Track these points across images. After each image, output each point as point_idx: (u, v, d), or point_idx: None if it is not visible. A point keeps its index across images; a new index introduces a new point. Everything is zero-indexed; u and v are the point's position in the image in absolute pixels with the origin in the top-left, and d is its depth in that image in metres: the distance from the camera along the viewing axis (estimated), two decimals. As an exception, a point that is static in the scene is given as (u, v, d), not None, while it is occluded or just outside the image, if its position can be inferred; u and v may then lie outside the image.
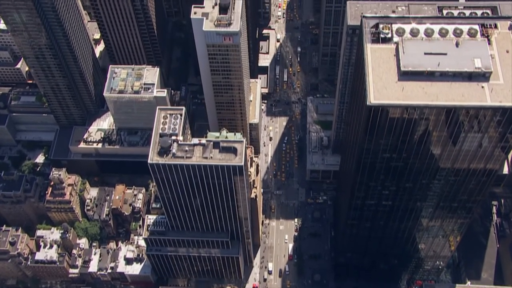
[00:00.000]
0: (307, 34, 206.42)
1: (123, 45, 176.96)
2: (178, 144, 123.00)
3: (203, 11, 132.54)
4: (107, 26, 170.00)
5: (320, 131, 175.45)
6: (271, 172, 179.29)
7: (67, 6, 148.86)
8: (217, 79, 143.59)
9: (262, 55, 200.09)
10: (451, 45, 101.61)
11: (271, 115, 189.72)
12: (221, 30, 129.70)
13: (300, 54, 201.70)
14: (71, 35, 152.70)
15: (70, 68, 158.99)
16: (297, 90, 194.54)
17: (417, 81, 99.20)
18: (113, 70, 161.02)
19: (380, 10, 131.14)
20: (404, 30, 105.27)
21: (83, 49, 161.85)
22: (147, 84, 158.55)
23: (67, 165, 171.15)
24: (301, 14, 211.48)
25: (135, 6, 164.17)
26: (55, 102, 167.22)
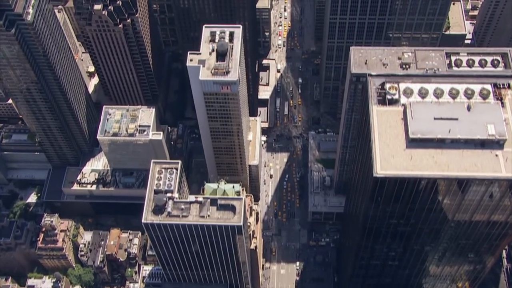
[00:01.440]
0: (308, 63, 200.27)
1: (118, 80, 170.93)
2: (174, 202, 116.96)
3: (199, 57, 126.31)
4: (100, 61, 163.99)
5: (323, 170, 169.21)
6: (272, 212, 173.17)
7: (56, 45, 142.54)
8: (214, 125, 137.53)
9: (262, 86, 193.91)
10: (462, 109, 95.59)
11: (272, 151, 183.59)
12: (219, 79, 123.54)
13: (301, 86, 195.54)
14: (62, 76, 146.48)
15: (61, 110, 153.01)
16: (298, 124, 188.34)
17: (426, 149, 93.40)
18: (107, 111, 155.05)
19: (385, 56, 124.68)
20: (412, 90, 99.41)
21: (75, 88, 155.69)
22: (142, 126, 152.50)
23: (60, 207, 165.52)
24: (302, 42, 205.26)
25: (129, 41, 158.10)
26: (47, 143, 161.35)
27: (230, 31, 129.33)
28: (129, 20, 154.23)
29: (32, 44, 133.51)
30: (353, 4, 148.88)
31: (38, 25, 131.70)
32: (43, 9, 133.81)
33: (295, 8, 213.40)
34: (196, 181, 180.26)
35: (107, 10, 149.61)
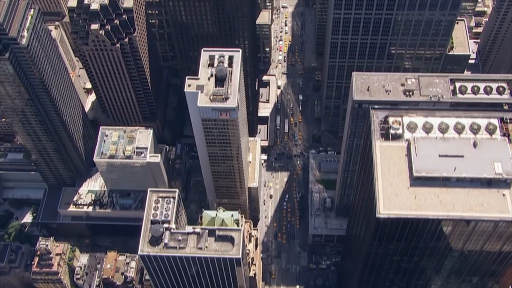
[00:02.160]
0: (309, 79, 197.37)
1: (115, 98, 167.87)
2: (171, 233, 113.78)
3: (197, 83, 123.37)
4: (97, 79, 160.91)
5: (323, 191, 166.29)
6: (272, 233, 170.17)
7: (52, 67, 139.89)
8: (213, 150, 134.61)
9: (262, 103, 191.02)
10: (468, 146, 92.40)
11: (272, 170, 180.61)
12: (217, 106, 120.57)
13: (302, 102, 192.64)
14: (57, 97, 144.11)
15: (57, 131, 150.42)
16: (299, 142, 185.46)
17: (431, 187, 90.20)
18: (104, 132, 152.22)
19: (388, 82, 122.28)
20: (416, 125, 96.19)
21: (71, 109, 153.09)
22: (139, 148, 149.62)
23: (56, 228, 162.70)
24: (302, 58, 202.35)
25: (126, 59, 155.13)
26: (42, 163, 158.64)
27: (230, 55, 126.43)
28: (127, 39, 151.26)
29: (26, 67, 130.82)
30: (355, 25, 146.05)
31: (33, 48, 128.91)
32: (38, 31, 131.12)
33: (295, 23, 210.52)
34: (194, 201, 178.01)
35: (104, 29, 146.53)
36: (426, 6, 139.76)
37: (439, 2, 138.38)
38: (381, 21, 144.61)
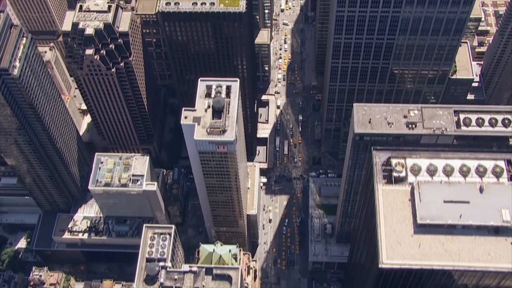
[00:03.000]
0: (309, 99, 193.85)
1: (111, 121, 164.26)
2: (167, 272, 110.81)
3: (194, 114, 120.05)
4: (92, 102, 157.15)
5: (323, 217, 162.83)
6: (271, 259, 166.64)
7: (45, 95, 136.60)
8: (211, 181, 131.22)
9: (261, 124, 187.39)
10: (474, 191, 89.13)
11: (271, 193, 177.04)
12: (215, 140, 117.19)
13: (302, 123, 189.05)
14: (51, 125, 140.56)
15: (51, 159, 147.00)
16: (299, 164, 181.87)
17: (436, 234, 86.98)
18: (99, 159, 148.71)
19: (390, 114, 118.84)
20: (420, 167, 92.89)
21: (65, 136, 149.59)
22: (135, 175, 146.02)
23: (50, 255, 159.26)
24: (302, 76, 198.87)
25: (122, 84, 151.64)
26: (36, 190, 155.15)
27: (227, 85, 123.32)
28: (122, 64, 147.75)
29: (18, 97, 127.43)
30: (356, 49, 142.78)
31: (25, 77, 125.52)
32: (31, 60, 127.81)
33: (295, 40, 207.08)
34: (192, 225, 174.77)
35: (99, 54, 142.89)
36: (429, 32, 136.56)
37: (442, 27, 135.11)
38: (383, 46, 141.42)
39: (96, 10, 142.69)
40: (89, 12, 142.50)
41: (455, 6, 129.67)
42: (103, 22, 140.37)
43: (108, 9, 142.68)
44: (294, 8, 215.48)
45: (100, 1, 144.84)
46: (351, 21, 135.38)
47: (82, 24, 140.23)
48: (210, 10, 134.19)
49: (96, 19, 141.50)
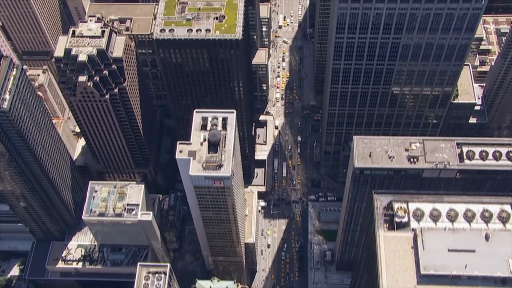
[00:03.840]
0: (308, 119, 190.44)
1: (105, 146, 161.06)
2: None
3: (189, 148, 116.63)
4: (86, 128, 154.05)
5: (323, 243, 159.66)
6: (270, 287, 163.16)
7: (36, 125, 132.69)
8: (207, 214, 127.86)
9: (259, 146, 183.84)
10: (479, 238, 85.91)
11: (269, 217, 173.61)
12: (210, 175, 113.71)
13: (301, 144, 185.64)
14: (43, 155, 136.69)
15: (44, 189, 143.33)
16: (298, 187, 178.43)
17: (440, 285, 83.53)
18: (93, 187, 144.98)
19: (391, 147, 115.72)
20: (423, 212, 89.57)
21: (58, 164, 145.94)
22: (130, 204, 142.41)
23: (44, 284, 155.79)
24: (301, 95, 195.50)
25: (117, 109, 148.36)
26: (29, 219, 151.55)
27: (223, 117, 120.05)
28: (117, 90, 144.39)
29: (9, 130, 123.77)
30: (356, 75, 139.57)
31: (15, 110, 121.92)
32: (21, 91, 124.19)
33: (293, 57, 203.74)
34: (189, 251, 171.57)
35: (92, 81, 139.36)
36: (430, 58, 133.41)
37: (444, 53, 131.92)
38: (383, 71, 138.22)
39: (89, 36, 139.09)
40: (82, 38, 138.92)
41: (457, 33, 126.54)
42: (96, 48, 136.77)
43: (102, 34, 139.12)
44: (292, 24, 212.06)
45: (93, 25, 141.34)
46: (351, 48, 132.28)
47: (75, 50, 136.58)
48: (206, 37, 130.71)
49: (89, 44, 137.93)
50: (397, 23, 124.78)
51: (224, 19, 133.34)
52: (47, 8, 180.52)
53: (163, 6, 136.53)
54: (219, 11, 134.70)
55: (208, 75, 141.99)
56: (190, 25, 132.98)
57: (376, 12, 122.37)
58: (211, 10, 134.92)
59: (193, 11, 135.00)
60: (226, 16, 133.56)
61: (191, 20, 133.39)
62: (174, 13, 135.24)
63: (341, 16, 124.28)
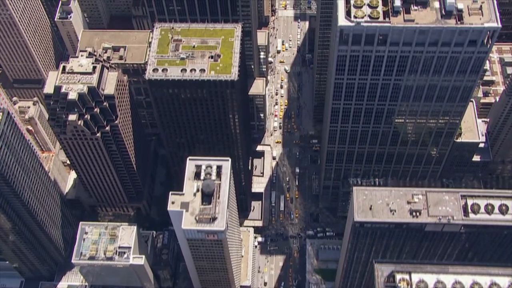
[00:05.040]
0: (307, 149, 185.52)
1: (97, 182, 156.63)
2: None
3: (182, 199, 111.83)
4: (77, 164, 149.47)
5: (322, 283, 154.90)
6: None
7: (23, 168, 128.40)
8: (201, 264, 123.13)
9: (256, 178, 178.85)
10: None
11: (266, 253, 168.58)
12: (203, 229, 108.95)
13: (299, 175, 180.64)
14: (30, 198, 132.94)
15: (32, 231, 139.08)
16: (295, 221, 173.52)
17: None
18: (84, 229, 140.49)
19: (392, 200, 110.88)
20: (426, 285, 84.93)
21: (46, 205, 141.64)
22: (122, 247, 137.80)
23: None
24: (299, 124, 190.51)
25: (109, 147, 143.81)
26: (17, 261, 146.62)
27: (218, 165, 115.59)
28: (108, 127, 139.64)
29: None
30: (356, 114, 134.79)
31: (1, 157, 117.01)
32: (7, 136, 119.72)
33: (292, 84, 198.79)
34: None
35: (83, 119, 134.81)
36: (433, 98, 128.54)
37: (447, 94, 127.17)
38: (384, 111, 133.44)
39: (80, 72, 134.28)
40: (73, 74, 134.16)
41: (461, 75, 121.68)
42: (87, 86, 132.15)
43: (93, 70, 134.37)
44: (291, 49, 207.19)
45: (84, 61, 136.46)
46: (351, 88, 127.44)
47: (65, 87, 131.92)
48: (200, 78, 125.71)
49: (80, 81, 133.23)
50: (399, 65, 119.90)
51: (219, 58, 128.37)
52: (38, 36, 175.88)
53: (156, 43, 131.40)
54: (214, 49, 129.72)
55: (202, 114, 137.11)
56: (184, 64, 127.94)
57: (377, 54, 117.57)
58: (206, 49, 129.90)
59: (188, 49, 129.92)
60: (221, 55, 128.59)
61: (185, 59, 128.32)
62: (168, 51, 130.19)
63: (341, 58, 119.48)
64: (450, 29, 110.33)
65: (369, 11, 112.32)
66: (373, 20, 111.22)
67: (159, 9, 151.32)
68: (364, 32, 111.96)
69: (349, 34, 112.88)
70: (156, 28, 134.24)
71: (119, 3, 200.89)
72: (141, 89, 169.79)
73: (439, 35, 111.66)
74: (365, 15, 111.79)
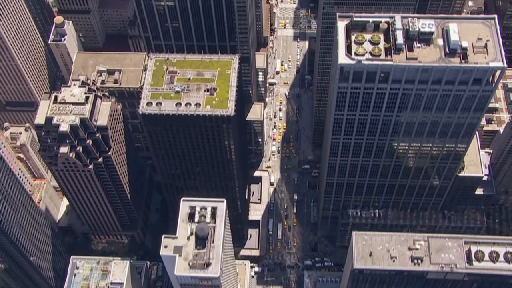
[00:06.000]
0: (305, 175, 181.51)
1: (90, 211, 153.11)
2: None
3: (175, 243, 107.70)
4: (69, 195, 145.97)
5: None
6: None
7: (14, 208, 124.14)
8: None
9: (253, 205, 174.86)
10: None
11: (263, 283, 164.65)
12: (197, 275, 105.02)
13: (297, 202, 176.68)
14: (22, 239, 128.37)
15: (24, 269, 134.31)
16: (293, 250, 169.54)
17: None
18: (75, 263, 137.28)
19: (393, 245, 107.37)
20: None
21: (38, 242, 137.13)
22: (114, 283, 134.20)
23: None
24: (298, 148, 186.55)
25: (102, 178, 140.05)
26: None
27: (212, 206, 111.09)
28: (101, 159, 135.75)
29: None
30: (356, 149, 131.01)
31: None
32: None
33: (291, 106, 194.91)
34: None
35: (75, 151, 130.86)
36: (436, 134, 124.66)
37: (450, 131, 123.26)
38: (385, 146, 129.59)
39: (72, 102, 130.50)
40: (65, 104, 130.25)
41: (465, 112, 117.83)
42: (80, 117, 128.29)
43: (86, 100, 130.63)
44: (290, 70, 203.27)
45: (76, 90, 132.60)
46: (351, 124, 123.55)
47: (57, 118, 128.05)
48: (196, 113, 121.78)
49: (71, 112, 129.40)
50: (401, 102, 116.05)
51: (215, 91, 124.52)
52: (31, 58, 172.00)
53: (150, 75, 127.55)
54: (210, 82, 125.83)
55: (198, 148, 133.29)
56: (179, 98, 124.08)
57: (379, 92, 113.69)
58: (201, 81, 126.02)
59: (183, 82, 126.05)
60: (217, 88, 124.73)
61: (180, 92, 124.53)
62: (162, 83, 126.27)
63: (341, 95, 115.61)
64: (454, 68, 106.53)
65: (370, 47, 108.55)
66: (374, 58, 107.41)
67: (155, 35, 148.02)
68: (365, 70, 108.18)
69: (350, 72, 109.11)
70: (150, 59, 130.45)
71: (115, 22, 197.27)
72: (136, 113, 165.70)
73: (442, 73, 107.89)
74: (366, 52, 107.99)
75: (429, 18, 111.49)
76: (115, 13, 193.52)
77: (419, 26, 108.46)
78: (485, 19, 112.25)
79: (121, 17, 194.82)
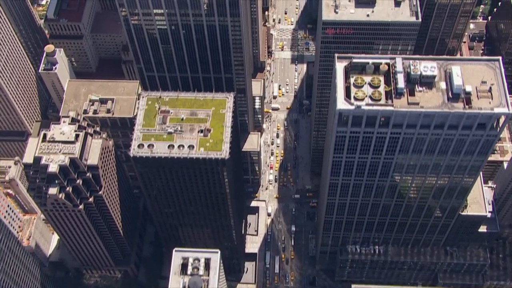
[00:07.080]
0: (303, 205, 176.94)
1: (82, 248, 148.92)
2: None
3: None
4: (60, 233, 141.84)
5: None
6: None
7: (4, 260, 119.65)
8: None
9: (250, 237, 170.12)
10: None
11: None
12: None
13: (295, 234, 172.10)
14: (8, 282, 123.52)
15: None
16: (291, 284, 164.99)
17: None
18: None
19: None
20: None
21: (24, 282, 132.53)
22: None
23: None
24: (295, 177, 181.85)
25: (93, 217, 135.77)
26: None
27: (206, 257, 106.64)
28: (92, 199, 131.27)
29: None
30: (355, 189, 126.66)
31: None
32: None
33: (288, 133, 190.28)
34: None
35: (64, 192, 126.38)
36: (439, 174, 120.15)
37: (454, 171, 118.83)
38: (386, 186, 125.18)
39: (61, 141, 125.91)
40: (54, 143, 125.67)
41: (468, 155, 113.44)
42: (69, 156, 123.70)
43: (76, 139, 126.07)
44: (288, 94, 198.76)
45: (66, 128, 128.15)
46: (350, 166, 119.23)
47: (45, 158, 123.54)
48: (189, 155, 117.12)
49: (61, 151, 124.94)
50: (402, 145, 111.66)
51: (209, 133, 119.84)
52: (21, 87, 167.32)
53: (142, 115, 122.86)
54: (204, 122, 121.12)
55: (191, 189, 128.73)
56: (171, 139, 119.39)
57: (379, 136, 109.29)
58: (195, 122, 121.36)
59: (176, 122, 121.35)
60: (211, 129, 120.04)
61: (172, 133, 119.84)
62: (155, 124, 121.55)
63: (339, 138, 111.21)
64: (457, 114, 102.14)
65: (370, 91, 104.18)
66: (374, 102, 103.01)
67: (147, 66, 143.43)
68: (365, 115, 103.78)
69: (349, 116, 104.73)
70: (142, 97, 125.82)
71: (108, 46, 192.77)
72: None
73: (445, 118, 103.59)
74: (366, 96, 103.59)
75: (431, 59, 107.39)
76: (108, 37, 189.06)
77: (421, 69, 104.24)
78: (489, 60, 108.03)
79: (114, 42, 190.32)
